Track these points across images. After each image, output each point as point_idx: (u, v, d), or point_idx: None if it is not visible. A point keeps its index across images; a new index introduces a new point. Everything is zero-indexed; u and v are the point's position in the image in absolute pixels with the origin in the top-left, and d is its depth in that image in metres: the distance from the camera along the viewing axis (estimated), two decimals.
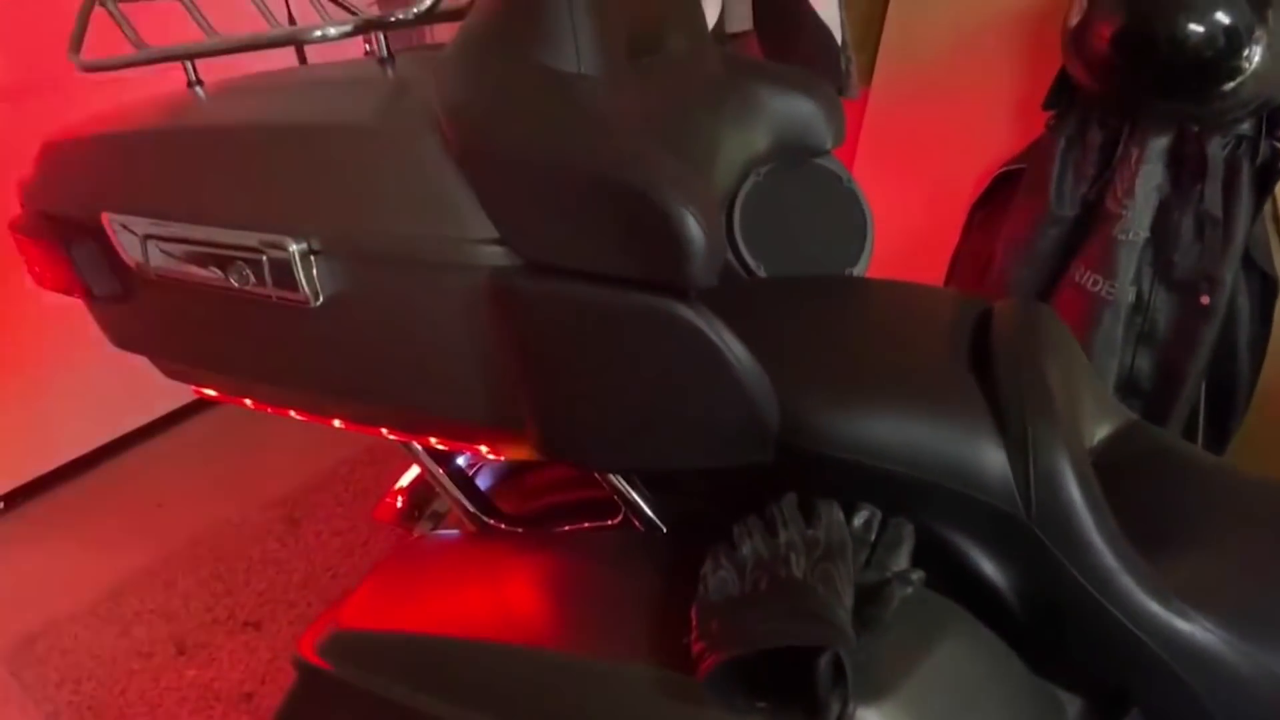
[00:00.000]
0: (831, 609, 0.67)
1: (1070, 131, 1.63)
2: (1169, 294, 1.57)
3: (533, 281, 0.71)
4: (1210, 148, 1.49)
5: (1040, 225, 1.66)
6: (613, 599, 0.81)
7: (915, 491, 0.79)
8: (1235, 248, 1.51)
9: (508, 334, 0.73)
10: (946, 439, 0.79)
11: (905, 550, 0.76)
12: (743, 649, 0.65)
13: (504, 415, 0.77)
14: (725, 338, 0.70)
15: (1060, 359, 0.90)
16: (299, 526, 2.08)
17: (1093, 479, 0.79)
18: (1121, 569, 0.75)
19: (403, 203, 0.73)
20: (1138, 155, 1.54)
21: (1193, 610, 0.75)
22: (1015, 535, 0.77)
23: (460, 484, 0.99)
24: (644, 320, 0.69)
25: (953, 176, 1.97)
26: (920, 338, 0.93)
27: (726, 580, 0.72)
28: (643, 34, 0.91)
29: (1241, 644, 0.74)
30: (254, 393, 0.91)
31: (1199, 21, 1.38)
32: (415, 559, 0.93)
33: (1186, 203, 1.53)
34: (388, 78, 0.83)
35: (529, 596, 0.85)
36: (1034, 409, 0.78)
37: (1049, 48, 1.66)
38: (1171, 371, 1.59)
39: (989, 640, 0.77)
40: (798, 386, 0.81)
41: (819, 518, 0.75)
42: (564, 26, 0.75)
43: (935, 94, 1.98)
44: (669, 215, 0.65)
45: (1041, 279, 1.69)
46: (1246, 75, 1.39)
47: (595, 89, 0.75)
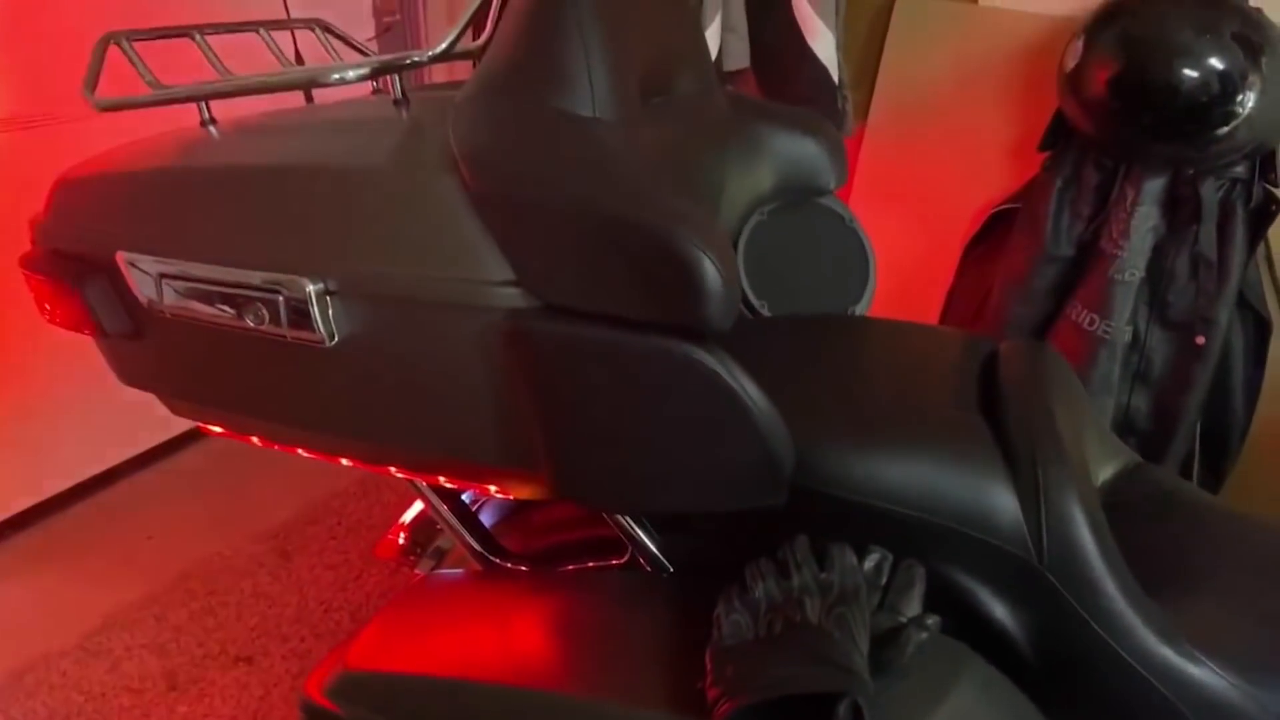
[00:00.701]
0: (848, 654, 0.67)
1: (1067, 172, 1.65)
2: (1164, 334, 1.59)
3: (549, 324, 0.71)
4: (1204, 190, 1.51)
5: (1037, 264, 1.68)
6: (622, 641, 0.81)
7: (926, 535, 0.79)
8: (1230, 289, 1.53)
9: (523, 376, 0.73)
10: (957, 482, 0.79)
11: (917, 594, 0.76)
12: (760, 695, 0.64)
13: (517, 456, 0.77)
14: (742, 381, 0.70)
15: (1066, 400, 0.90)
16: (291, 560, 2.06)
17: (1104, 523, 0.79)
18: (1133, 613, 0.75)
19: (419, 244, 0.73)
20: (1133, 197, 1.56)
21: (1203, 654, 0.75)
22: (1027, 579, 0.77)
23: (465, 521, 0.99)
24: (660, 363, 0.69)
25: (947, 214, 1.99)
26: (928, 379, 0.94)
27: (740, 624, 0.72)
28: (653, 76, 0.92)
29: (1250, 689, 0.74)
30: (263, 430, 0.91)
31: (1194, 67, 1.41)
32: (423, 599, 0.92)
33: (1181, 244, 1.55)
34: (403, 119, 0.83)
35: (538, 638, 0.84)
36: (1044, 452, 0.79)
37: (1044, 89, 1.68)
38: (1167, 411, 1.60)
39: (1003, 685, 0.77)
40: (807, 428, 0.81)
41: (832, 561, 0.75)
42: (579, 70, 0.76)
43: (930, 133, 2.00)
44: (687, 259, 0.66)
45: (1038, 317, 1.71)
46: (1240, 120, 1.42)
47: (611, 132, 0.75)
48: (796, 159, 1.14)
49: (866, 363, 0.99)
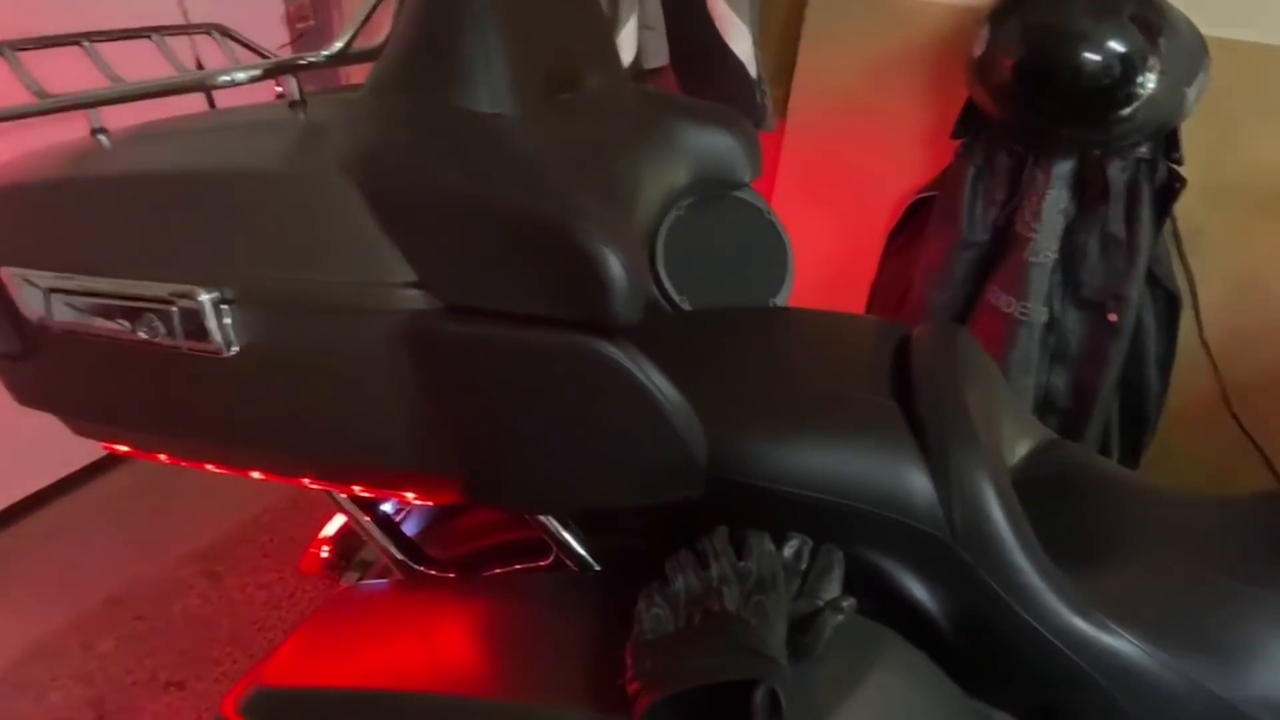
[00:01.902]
0: (765, 641, 0.67)
1: (979, 159, 1.68)
2: (1079, 313, 1.63)
3: (453, 324, 0.70)
4: (1111, 171, 1.55)
5: (954, 250, 1.71)
6: (547, 642, 0.80)
7: (843, 519, 0.79)
8: (1139, 266, 1.57)
9: (430, 378, 0.72)
10: (871, 465, 0.80)
11: (836, 578, 0.76)
12: (677, 686, 0.64)
13: (429, 461, 0.76)
14: (651, 374, 0.70)
15: (978, 381, 0.92)
16: (221, 580, 2.01)
17: (1014, 499, 0.81)
18: (1045, 586, 0.76)
19: (316, 248, 0.72)
20: (1043, 180, 1.60)
21: (1115, 624, 0.76)
22: (941, 558, 0.78)
23: (387, 531, 0.97)
24: (568, 360, 0.69)
25: (870, 205, 2.01)
26: (843, 366, 0.94)
27: (660, 617, 0.71)
28: (558, 72, 0.92)
29: (1162, 655, 0.76)
30: (168, 448, 0.88)
31: (1095, 50, 1.44)
32: (343, 611, 0.90)
33: (1091, 224, 1.58)
34: (299, 121, 0.81)
35: (462, 644, 0.83)
36: (955, 433, 0.80)
37: (957, 77, 1.71)
38: (1085, 388, 1.64)
39: (921, 663, 0.78)
40: (723, 419, 0.81)
41: (750, 550, 0.75)
42: (478, 66, 0.75)
43: (850, 124, 2.02)
44: (590, 253, 0.65)
45: (958, 302, 1.74)
46: (1142, 101, 1.45)
47: (511, 128, 0.75)
48: (711, 153, 1.14)
49: (783, 352, 1.00)
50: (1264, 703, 0.76)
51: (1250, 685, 0.76)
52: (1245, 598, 0.80)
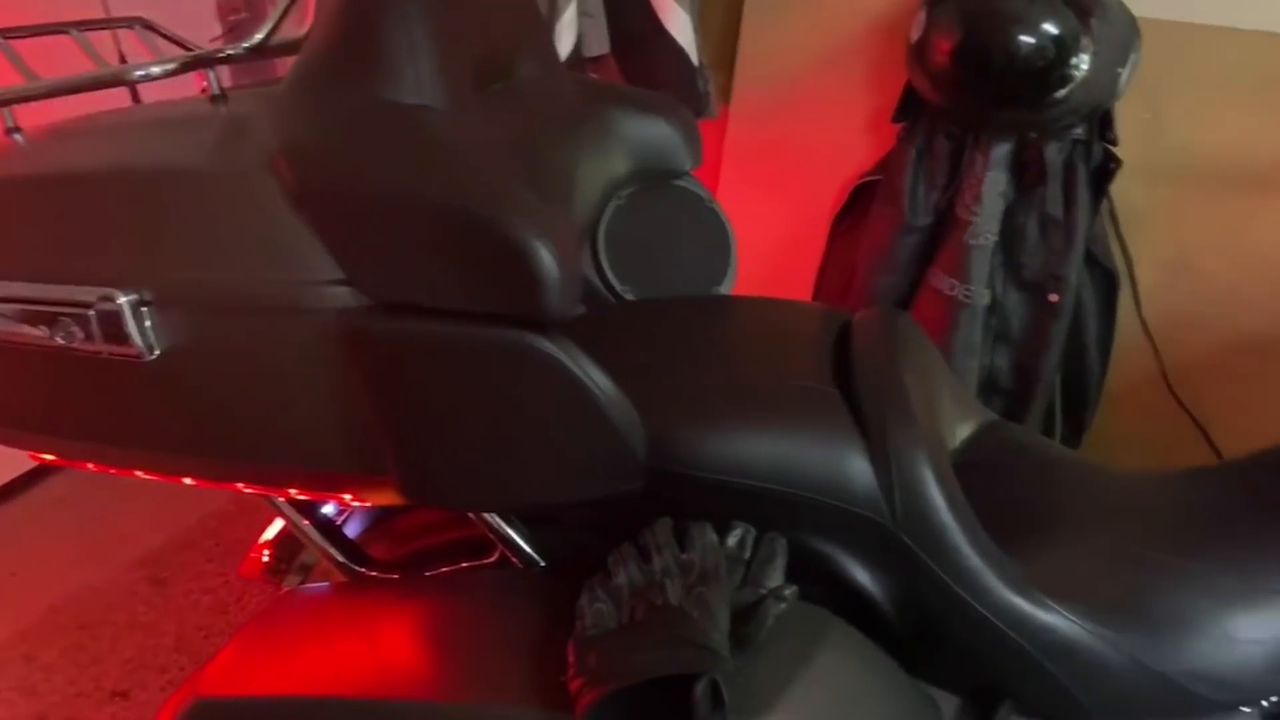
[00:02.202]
0: (706, 633, 0.66)
1: (919, 143, 1.69)
2: (1020, 294, 1.65)
3: (383, 321, 0.69)
4: (1048, 153, 1.57)
5: (897, 234, 1.72)
6: (492, 641, 0.79)
7: (786, 506, 0.79)
8: (1077, 247, 1.60)
9: (361, 377, 0.71)
10: (812, 452, 0.80)
11: (779, 566, 0.76)
12: (618, 683, 0.64)
13: (364, 461, 0.75)
14: (586, 368, 0.69)
15: (918, 364, 0.92)
16: (167, 587, 1.97)
17: (954, 482, 0.81)
18: (984, 567, 0.77)
19: (238, 247, 0.70)
20: (982, 163, 1.61)
21: (1053, 601, 0.77)
22: (883, 542, 0.78)
23: (327, 533, 0.96)
24: (501, 355, 0.68)
25: (815, 190, 2.02)
26: (784, 353, 0.94)
27: (603, 612, 0.71)
28: (490, 62, 0.90)
29: (1100, 630, 0.77)
30: (94, 456, 0.85)
31: (1029, 33, 1.45)
32: (282, 616, 0.89)
33: (1030, 206, 1.60)
34: (220, 116, 0.79)
35: (405, 646, 0.82)
36: (894, 417, 0.80)
37: (896, 62, 1.72)
38: (1027, 369, 1.66)
39: (865, 647, 0.78)
40: (665, 410, 0.81)
41: (692, 541, 0.75)
42: (403, 56, 0.73)
43: (793, 110, 2.03)
44: (520, 246, 0.64)
45: (902, 286, 1.75)
46: (1076, 82, 1.47)
47: (439, 120, 0.73)
48: (650, 142, 1.13)
49: (725, 341, 0.99)
50: (1198, 674, 0.78)
51: (1185, 657, 0.78)
52: (1180, 572, 0.81)
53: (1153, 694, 0.79)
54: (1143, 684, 0.78)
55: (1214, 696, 0.79)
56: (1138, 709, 0.80)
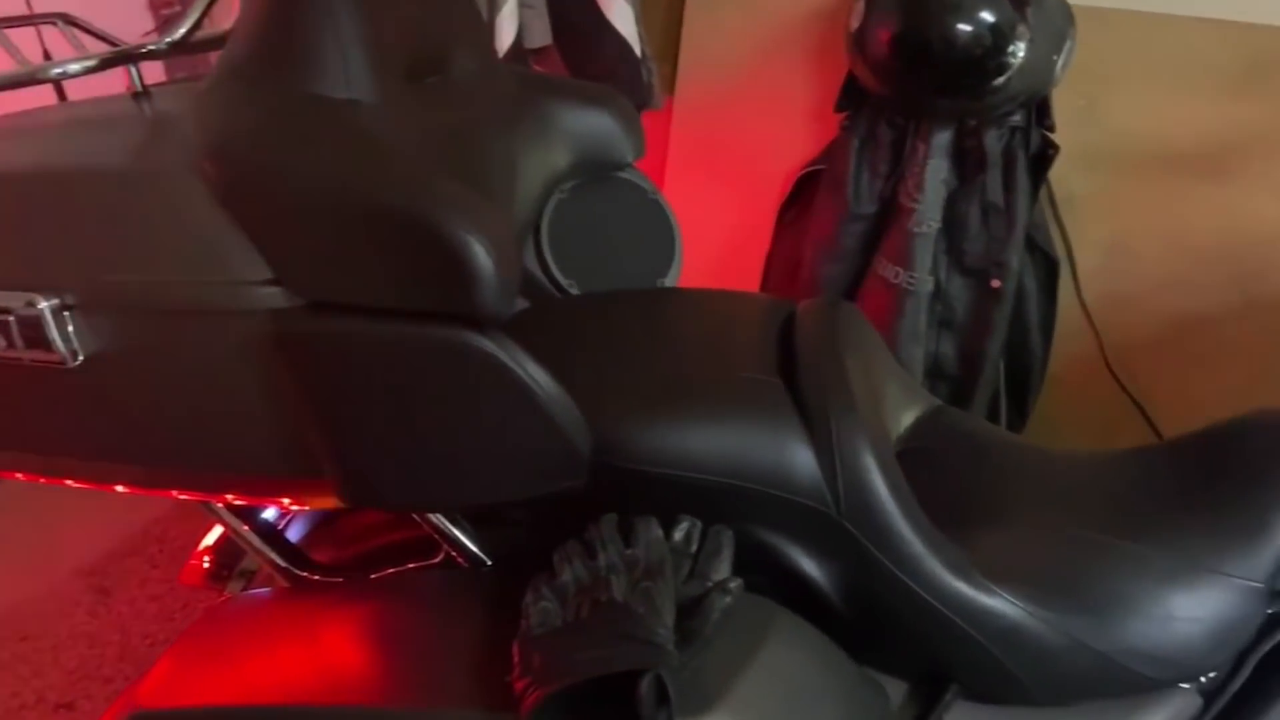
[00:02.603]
0: (652, 629, 0.66)
1: (862, 131, 1.70)
2: (963, 280, 1.66)
3: (316, 321, 0.67)
4: (988, 140, 1.58)
5: (842, 223, 1.73)
6: (438, 643, 0.78)
7: (732, 499, 0.79)
8: (1018, 233, 1.62)
9: (294, 379, 0.69)
10: (756, 443, 0.80)
11: (726, 558, 0.76)
12: (563, 681, 0.63)
13: (300, 465, 0.73)
14: (525, 365, 0.68)
15: (861, 353, 0.92)
16: (110, 596, 1.93)
17: (897, 470, 0.81)
18: (927, 553, 0.77)
19: (164, 249, 0.68)
20: (924, 151, 1.62)
21: (996, 585, 0.78)
22: (828, 531, 0.78)
23: (268, 538, 0.94)
24: (438, 354, 0.67)
25: (761, 180, 2.02)
26: (729, 345, 0.94)
27: (548, 611, 0.70)
28: (423, 55, 0.89)
29: (1041, 613, 0.78)
30: (21, 465, 0.83)
31: (966, 21, 1.47)
32: (223, 623, 0.87)
33: (971, 193, 1.62)
34: (144, 114, 0.77)
35: (349, 650, 0.81)
36: (836, 406, 0.80)
37: (838, 50, 1.73)
38: (972, 354, 1.68)
39: (811, 636, 0.78)
40: (608, 405, 0.80)
41: (638, 536, 0.74)
42: (331, 50, 0.71)
43: (737, 100, 2.03)
44: (453, 243, 0.63)
45: (849, 275, 1.76)
46: (1013, 70, 1.49)
47: (369, 114, 0.72)
48: (591, 134, 1.12)
49: (669, 334, 0.99)
50: (1137, 653, 0.79)
51: (1125, 637, 0.79)
52: (1119, 552, 0.83)
53: (1094, 673, 0.80)
54: (1084, 664, 0.79)
55: (1154, 674, 0.81)
56: (1080, 688, 0.81)
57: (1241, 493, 0.84)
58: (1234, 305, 1.63)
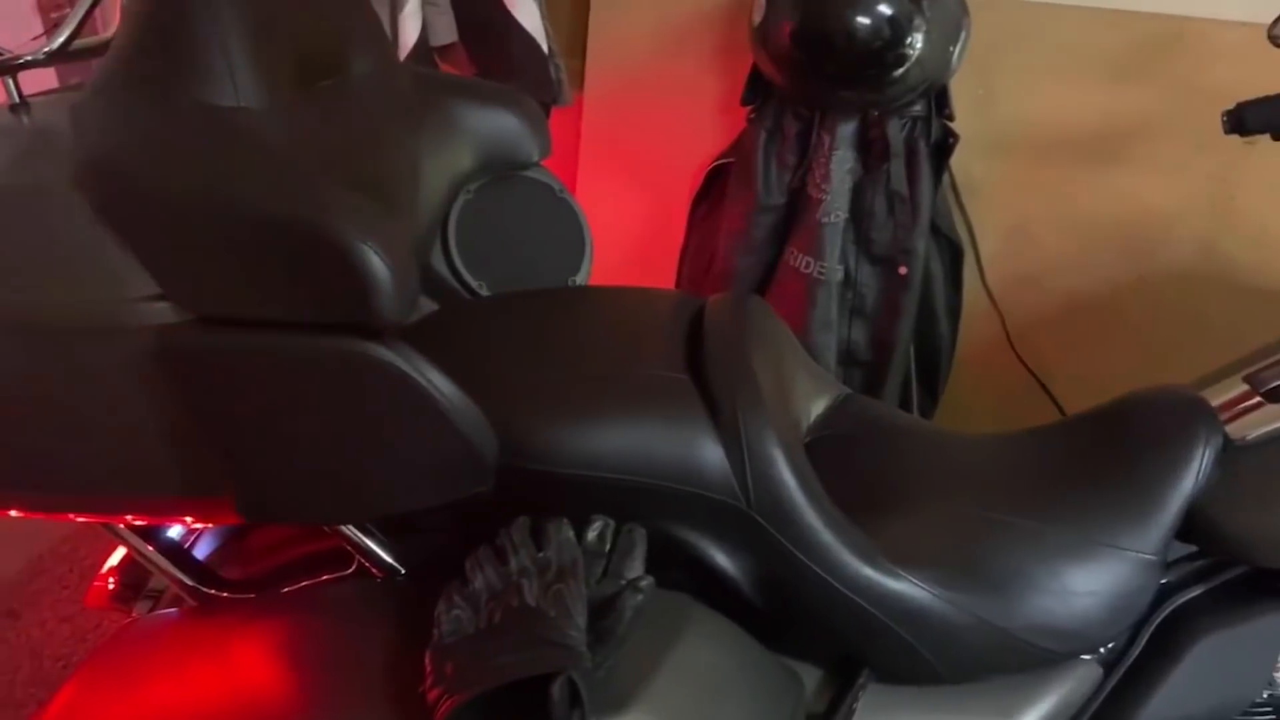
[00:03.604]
0: (563, 631, 0.66)
1: (769, 124, 1.72)
2: (872, 268, 1.70)
3: (206, 337, 0.66)
4: (890, 130, 1.62)
5: (753, 215, 1.74)
6: (350, 657, 0.77)
7: (643, 496, 0.80)
8: (923, 220, 1.65)
9: (186, 396, 0.67)
10: (664, 440, 0.80)
11: (639, 556, 0.76)
12: (475, 689, 0.63)
13: (197, 484, 0.72)
14: (426, 373, 0.68)
15: (769, 345, 0.93)
16: (19, 619, 1.86)
17: (805, 461, 0.83)
18: (835, 541, 0.79)
19: (45, 266, 0.66)
20: (829, 142, 1.65)
21: (902, 569, 0.80)
22: (739, 524, 0.80)
23: (174, 557, 0.91)
24: (335, 365, 0.66)
25: (674, 174, 2.02)
26: (637, 342, 0.94)
27: (460, 619, 0.70)
28: (316, 58, 0.87)
29: (946, 594, 0.80)
30: None
31: (865, 14, 1.49)
32: (128, 647, 0.84)
33: (877, 183, 1.65)
34: (21, 126, 0.74)
35: (258, 668, 0.79)
36: (743, 401, 0.81)
37: (743, 43, 1.74)
38: (883, 340, 1.71)
39: (726, 629, 0.79)
40: (517, 407, 0.80)
41: (549, 538, 0.74)
42: (215, 57, 0.70)
43: (647, 94, 2.03)
44: (346, 251, 0.62)
45: (761, 266, 1.78)
46: (912, 61, 1.52)
47: (256, 122, 0.70)
48: (494, 133, 1.11)
49: (578, 333, 0.99)
50: (1040, 628, 0.82)
51: (1026, 613, 0.82)
52: (1018, 531, 0.85)
53: (999, 651, 0.83)
54: (989, 641, 0.82)
55: (1056, 648, 0.84)
56: (986, 666, 0.84)
57: (1132, 468, 0.87)
58: (1128, 283, 1.69)
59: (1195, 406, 0.89)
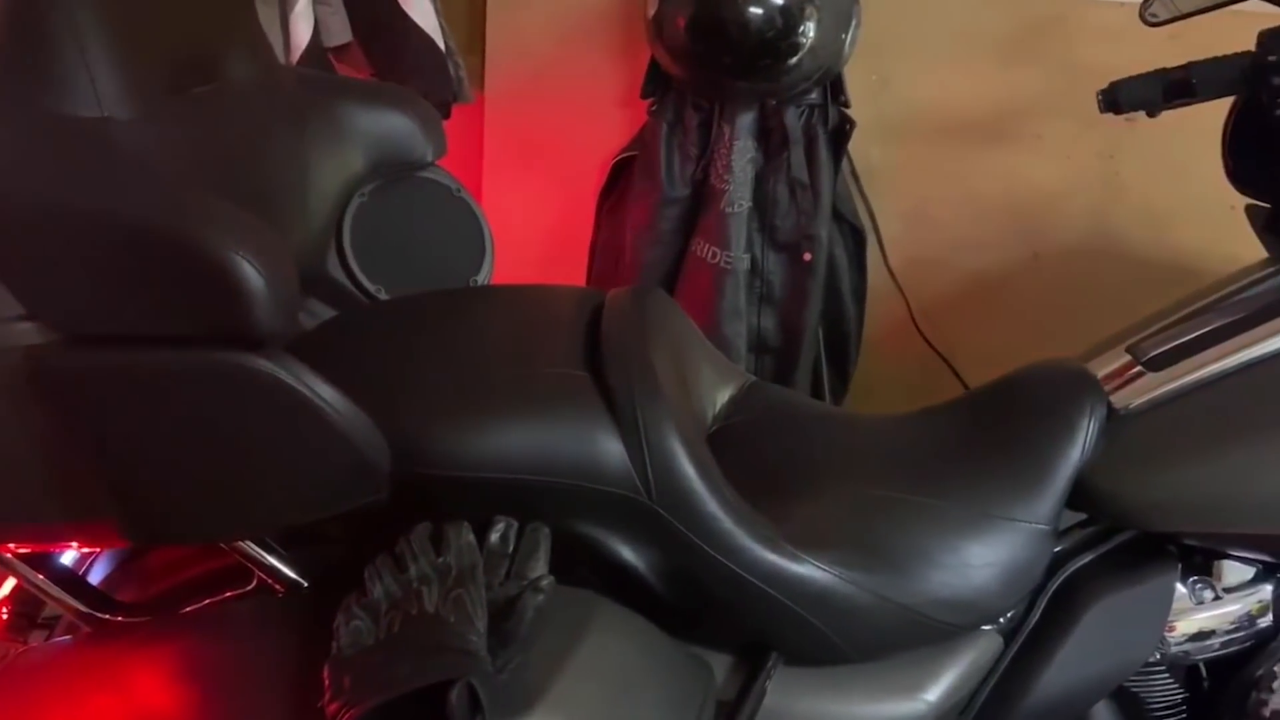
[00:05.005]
0: (463, 636, 0.66)
1: (670, 116, 1.73)
2: (778, 256, 1.72)
3: (75, 356, 0.63)
4: (788, 119, 1.64)
5: (658, 208, 1.75)
6: (250, 675, 0.75)
7: (545, 495, 0.80)
8: (824, 206, 1.68)
9: (61, 418, 0.65)
10: (564, 438, 0.80)
11: (542, 556, 0.76)
12: (373, 700, 0.62)
13: (77, 508, 0.69)
14: (311, 383, 0.66)
15: (668, 338, 0.94)
16: None
17: (705, 451, 0.84)
18: (737, 529, 0.80)
19: None
20: (729, 133, 1.66)
21: (803, 553, 0.81)
22: (642, 518, 0.80)
23: (66, 584, 0.88)
24: (214, 379, 0.64)
25: (580, 169, 2.01)
26: (535, 340, 0.94)
27: (360, 630, 0.69)
28: (191, 63, 0.85)
29: (848, 574, 0.82)
30: None
31: (757, 4, 1.51)
32: (20, 677, 0.81)
33: (778, 171, 1.67)
34: None
35: (155, 692, 0.77)
36: (641, 395, 0.81)
37: (642, 36, 1.74)
38: (791, 327, 1.73)
39: (633, 624, 0.80)
40: (414, 412, 0.79)
41: (448, 543, 0.73)
42: (75, 65, 0.67)
43: (548, 90, 2.01)
44: (219, 262, 0.61)
45: (669, 258, 1.78)
46: (805, 50, 1.54)
47: (121, 133, 0.68)
48: (385, 134, 1.10)
49: (476, 333, 0.98)
50: (939, 602, 0.84)
51: (926, 589, 0.84)
52: (916, 508, 0.87)
53: (901, 627, 0.84)
54: (892, 619, 0.84)
55: (957, 621, 0.86)
56: (891, 643, 0.86)
57: (1022, 441, 0.90)
58: (1023, 260, 1.74)
59: (1081, 379, 0.92)
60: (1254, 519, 0.86)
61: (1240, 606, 0.90)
